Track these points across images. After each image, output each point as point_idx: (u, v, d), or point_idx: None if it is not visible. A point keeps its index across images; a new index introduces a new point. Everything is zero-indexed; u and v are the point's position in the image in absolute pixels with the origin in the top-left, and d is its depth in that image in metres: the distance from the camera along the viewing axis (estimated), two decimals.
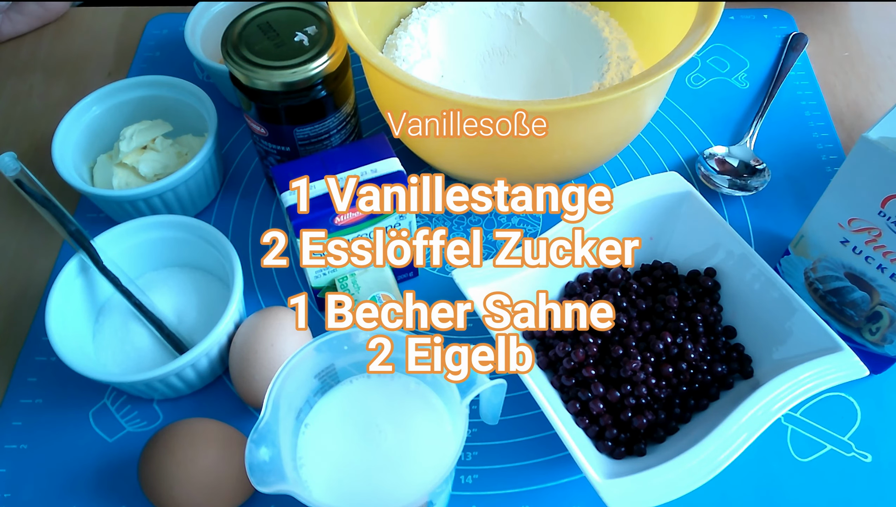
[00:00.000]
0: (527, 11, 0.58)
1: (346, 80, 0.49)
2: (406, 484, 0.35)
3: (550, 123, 0.42)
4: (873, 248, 0.40)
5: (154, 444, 0.39)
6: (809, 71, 0.63)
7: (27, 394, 0.47)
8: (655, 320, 0.44)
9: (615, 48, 0.55)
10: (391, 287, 0.46)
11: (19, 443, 0.45)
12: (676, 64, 0.42)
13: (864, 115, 0.60)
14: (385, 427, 0.36)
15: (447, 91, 0.42)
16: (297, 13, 0.48)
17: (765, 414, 0.37)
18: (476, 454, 0.44)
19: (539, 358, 0.43)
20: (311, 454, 0.36)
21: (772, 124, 0.59)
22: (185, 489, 0.38)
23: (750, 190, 0.54)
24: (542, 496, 0.42)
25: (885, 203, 0.38)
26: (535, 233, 0.54)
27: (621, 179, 0.56)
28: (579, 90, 0.54)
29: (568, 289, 0.46)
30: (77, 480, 0.43)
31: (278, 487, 0.31)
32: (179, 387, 0.44)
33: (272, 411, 0.33)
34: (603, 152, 0.49)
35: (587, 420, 0.41)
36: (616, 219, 0.46)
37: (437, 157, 0.51)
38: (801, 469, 0.43)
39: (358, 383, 0.38)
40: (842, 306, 0.44)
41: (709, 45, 0.65)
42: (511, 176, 0.48)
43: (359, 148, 0.46)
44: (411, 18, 0.57)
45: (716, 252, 0.45)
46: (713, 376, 0.42)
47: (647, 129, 0.59)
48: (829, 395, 0.45)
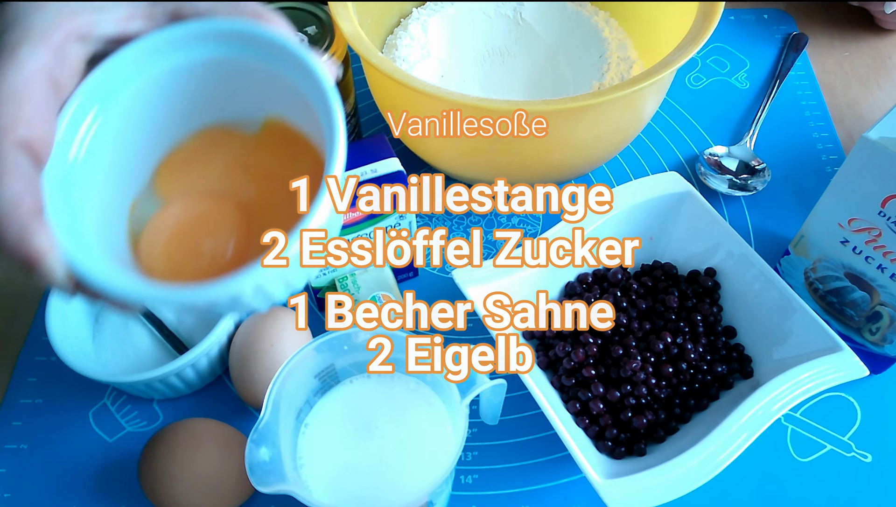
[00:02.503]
0: (527, 11, 0.58)
1: (346, 80, 0.49)
2: (406, 484, 0.35)
3: (550, 123, 0.42)
4: (873, 248, 0.40)
5: (154, 444, 0.39)
6: (809, 71, 0.63)
7: (27, 394, 0.47)
8: (655, 320, 0.44)
9: (615, 48, 0.55)
10: (391, 287, 0.46)
11: (19, 443, 0.45)
12: (676, 64, 0.42)
13: (864, 115, 0.60)
14: (385, 427, 0.36)
15: (447, 91, 0.42)
16: (297, 13, 0.49)
17: (765, 414, 0.37)
18: (476, 454, 0.44)
19: (539, 358, 0.43)
20: (311, 454, 0.36)
21: (772, 124, 0.59)
22: (185, 489, 0.38)
23: (750, 190, 0.54)
24: (542, 496, 0.42)
25: (885, 203, 0.38)
26: (535, 233, 0.54)
27: (621, 179, 0.56)
28: (579, 90, 0.54)
29: (568, 289, 0.46)
30: (77, 480, 0.43)
31: (278, 487, 0.31)
32: (179, 387, 0.44)
33: (272, 411, 0.33)
34: (603, 152, 0.49)
35: (587, 420, 0.41)
36: (616, 219, 0.46)
37: (437, 157, 0.51)
38: (801, 469, 0.43)
39: (358, 383, 0.38)
40: (842, 306, 0.44)
41: (709, 45, 0.65)
42: (511, 176, 0.48)
43: (359, 148, 0.46)
44: (411, 18, 0.57)
45: (716, 252, 0.45)
46: (713, 376, 0.42)
47: (647, 129, 0.59)
48: (829, 395, 0.45)
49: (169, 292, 0.25)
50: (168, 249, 0.29)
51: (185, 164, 0.30)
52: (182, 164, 0.30)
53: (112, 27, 0.26)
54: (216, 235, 0.29)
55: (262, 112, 0.30)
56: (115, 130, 0.28)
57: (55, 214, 0.25)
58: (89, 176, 0.27)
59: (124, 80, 0.27)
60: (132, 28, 0.27)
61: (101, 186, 0.27)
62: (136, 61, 0.27)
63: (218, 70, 0.28)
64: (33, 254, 0.23)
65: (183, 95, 0.29)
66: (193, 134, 0.30)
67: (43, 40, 0.25)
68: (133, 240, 0.29)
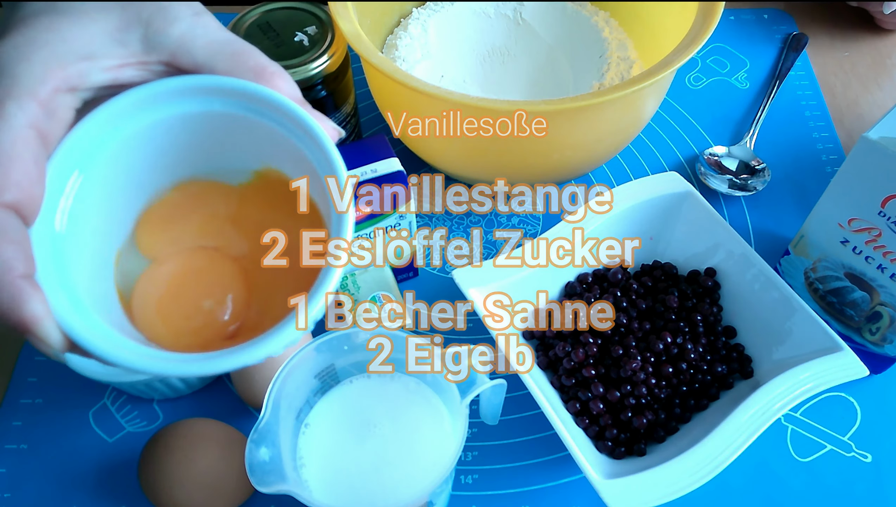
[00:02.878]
0: (527, 11, 0.58)
1: (346, 80, 0.49)
2: (406, 484, 0.35)
3: (550, 123, 0.42)
4: (873, 248, 0.40)
5: (154, 444, 0.39)
6: (809, 71, 0.63)
7: (27, 394, 0.47)
8: (655, 320, 0.44)
9: (615, 48, 0.55)
10: (391, 287, 0.46)
11: (19, 443, 0.45)
12: (676, 64, 0.42)
13: (864, 115, 0.60)
14: (385, 427, 0.36)
15: (447, 91, 0.42)
16: (297, 13, 0.49)
17: (765, 414, 0.37)
18: (476, 454, 0.44)
19: (539, 358, 0.43)
20: (311, 454, 0.36)
21: (772, 124, 0.59)
22: (185, 489, 0.38)
23: (750, 190, 0.54)
24: (542, 496, 0.42)
25: (885, 203, 0.38)
26: (535, 233, 0.54)
27: (621, 179, 0.56)
28: (579, 90, 0.54)
29: (568, 289, 0.46)
30: (77, 480, 0.43)
31: (278, 487, 0.31)
32: (179, 387, 0.44)
33: (272, 411, 0.33)
34: (603, 152, 0.49)
35: (587, 420, 0.41)
36: (616, 219, 0.46)
37: (437, 157, 0.51)
38: (801, 469, 0.43)
39: (358, 383, 0.38)
40: (842, 306, 0.44)
41: (709, 45, 0.65)
42: (511, 176, 0.48)
43: (359, 148, 0.46)
44: (411, 18, 0.57)
45: (716, 252, 0.45)
46: (713, 376, 0.42)
47: (647, 129, 0.59)
48: (829, 395, 0.45)
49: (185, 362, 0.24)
50: (163, 309, 0.27)
51: (168, 217, 0.29)
52: (164, 217, 0.29)
53: (103, 76, 0.25)
54: (213, 292, 0.28)
55: (251, 162, 0.29)
56: (99, 183, 0.26)
57: (45, 276, 0.24)
58: (75, 232, 0.26)
59: (110, 133, 0.26)
60: (125, 76, 0.25)
61: (87, 242, 0.26)
62: (122, 114, 0.26)
63: (208, 122, 0.27)
64: (27, 319, 0.22)
65: (167, 147, 0.28)
66: (173, 185, 0.29)
67: (30, 95, 0.23)
68: (121, 297, 0.27)
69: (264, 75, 0.26)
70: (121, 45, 0.25)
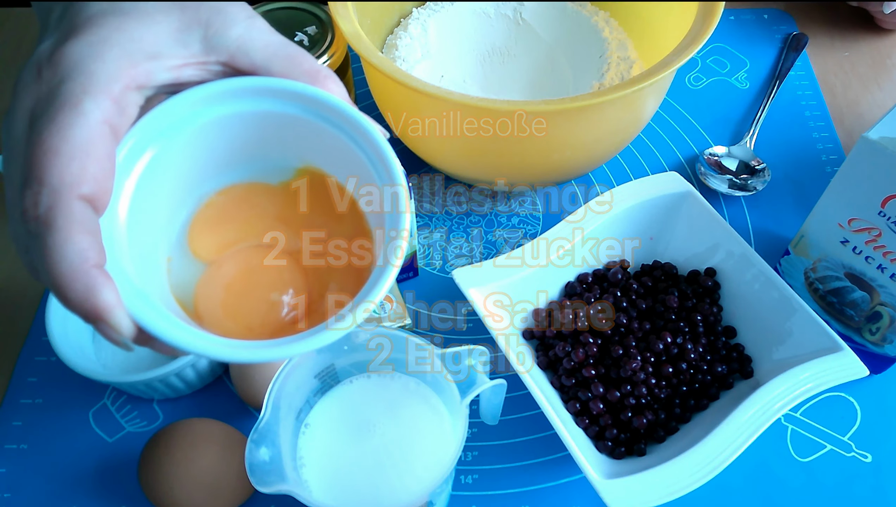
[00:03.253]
0: (527, 11, 0.58)
1: (345, 80, 0.49)
2: (406, 484, 0.35)
3: (550, 123, 0.42)
4: (873, 248, 0.40)
5: (154, 444, 0.39)
6: (809, 71, 0.63)
7: (27, 394, 0.47)
8: (655, 320, 0.44)
9: (615, 48, 0.55)
10: (391, 287, 0.46)
11: (19, 443, 0.45)
12: (676, 64, 0.42)
13: (864, 115, 0.60)
14: (385, 427, 0.36)
15: (447, 91, 0.42)
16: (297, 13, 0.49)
17: (765, 414, 0.37)
18: (476, 454, 0.44)
19: (539, 358, 0.43)
20: (311, 453, 0.36)
21: (772, 124, 0.59)
22: (185, 489, 0.38)
23: (750, 190, 0.54)
24: (542, 496, 0.42)
25: (885, 203, 0.38)
26: (535, 233, 0.54)
27: (621, 179, 0.56)
28: (579, 90, 0.54)
29: (568, 289, 0.46)
30: (77, 480, 0.43)
31: (278, 487, 0.31)
32: (179, 387, 0.44)
33: (272, 411, 0.33)
34: (603, 152, 0.49)
35: (587, 420, 0.41)
36: (616, 219, 0.46)
37: (437, 157, 0.51)
38: (801, 469, 0.43)
39: (358, 383, 0.38)
40: (842, 306, 0.44)
41: (709, 45, 0.65)
42: (511, 176, 0.48)
43: None
44: (411, 18, 0.57)
45: (716, 252, 0.45)
46: (713, 376, 0.42)
47: (647, 129, 0.59)
48: (829, 395, 0.45)
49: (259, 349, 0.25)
50: (231, 305, 0.28)
51: (218, 219, 0.30)
52: (214, 220, 0.30)
53: (167, 75, 0.26)
54: (276, 285, 0.29)
55: (293, 160, 0.30)
56: (155, 182, 0.27)
57: (115, 267, 0.24)
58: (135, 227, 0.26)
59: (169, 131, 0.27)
60: (185, 76, 0.26)
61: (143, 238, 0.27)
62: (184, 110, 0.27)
63: (260, 121, 0.28)
64: (101, 308, 0.23)
65: (219, 146, 0.29)
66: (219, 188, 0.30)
67: (105, 92, 0.24)
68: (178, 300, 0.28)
69: (318, 78, 0.27)
70: (182, 46, 0.26)
